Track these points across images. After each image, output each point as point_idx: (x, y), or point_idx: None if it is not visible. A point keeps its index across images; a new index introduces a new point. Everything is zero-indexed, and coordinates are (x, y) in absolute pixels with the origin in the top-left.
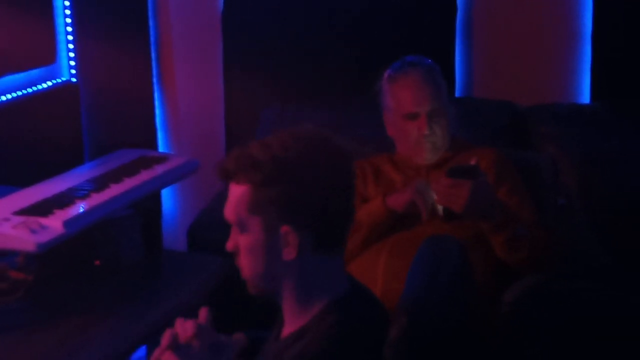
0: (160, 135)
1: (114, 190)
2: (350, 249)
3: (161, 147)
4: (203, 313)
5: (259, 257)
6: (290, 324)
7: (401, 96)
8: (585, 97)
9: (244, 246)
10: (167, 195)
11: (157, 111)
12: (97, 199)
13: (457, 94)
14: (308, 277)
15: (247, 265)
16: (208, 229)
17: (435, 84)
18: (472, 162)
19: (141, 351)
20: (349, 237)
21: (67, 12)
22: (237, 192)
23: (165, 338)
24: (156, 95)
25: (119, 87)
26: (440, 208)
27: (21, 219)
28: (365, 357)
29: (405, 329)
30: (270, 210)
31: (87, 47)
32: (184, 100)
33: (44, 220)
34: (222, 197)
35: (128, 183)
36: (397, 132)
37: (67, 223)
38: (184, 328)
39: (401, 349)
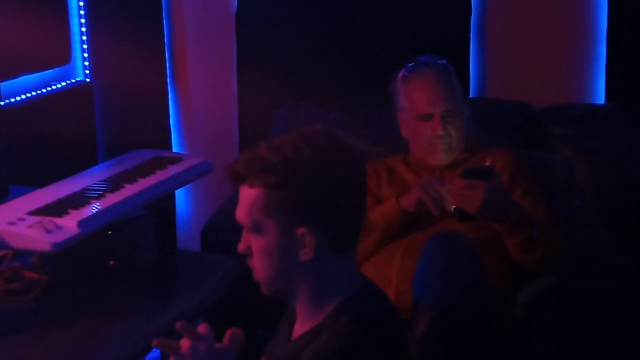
0: (173, 135)
1: (128, 190)
2: (364, 249)
3: (175, 148)
4: (203, 329)
5: (273, 259)
6: (303, 324)
7: (415, 97)
8: (600, 97)
9: (258, 248)
10: (180, 196)
11: (171, 111)
12: (112, 199)
13: (471, 94)
14: (323, 277)
15: (261, 267)
16: (222, 230)
17: (450, 84)
18: (487, 163)
19: (155, 352)
20: (362, 237)
21: (82, 12)
22: (249, 195)
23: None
24: (170, 95)
25: (133, 87)
26: (450, 202)
27: (36, 219)
28: (380, 352)
29: (433, 324)
30: (286, 212)
31: (101, 47)
32: (198, 100)
33: (59, 220)
34: (235, 198)
35: (142, 183)
36: (411, 132)
37: (81, 223)
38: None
39: (429, 343)
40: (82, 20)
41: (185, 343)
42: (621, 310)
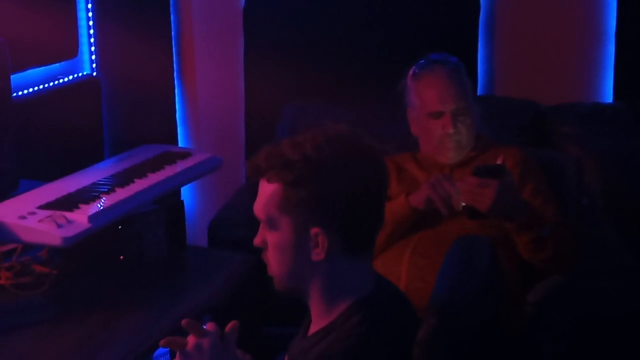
0: (179, 130)
1: (138, 185)
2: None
3: (181, 143)
4: (210, 326)
5: (287, 256)
6: (317, 323)
7: (426, 94)
8: (607, 96)
9: (272, 244)
10: (185, 191)
11: (178, 106)
12: (122, 194)
13: (479, 92)
14: (335, 277)
15: (275, 263)
16: (229, 226)
17: (461, 82)
18: (499, 161)
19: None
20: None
21: (89, 6)
22: (267, 190)
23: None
24: (177, 90)
25: (140, 82)
26: (458, 200)
27: (47, 213)
28: (391, 355)
29: (434, 329)
30: (301, 211)
31: (108, 41)
32: (204, 95)
33: (69, 215)
34: (242, 194)
35: (152, 178)
36: (421, 130)
37: (92, 217)
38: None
39: (430, 349)
40: (90, 14)
41: (191, 340)
42: (628, 310)
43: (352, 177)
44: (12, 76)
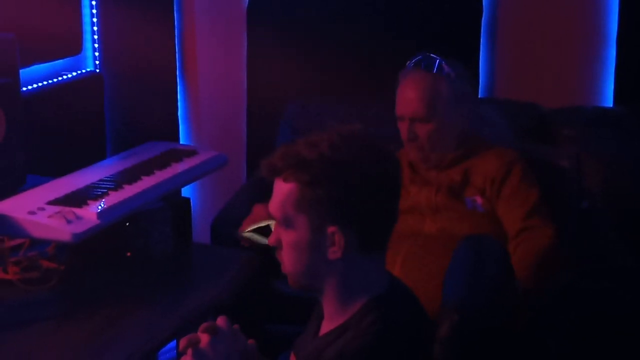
0: (182, 127)
1: (145, 182)
2: None
3: (183, 140)
4: (222, 321)
5: (302, 254)
6: (330, 321)
7: (398, 97)
8: (608, 100)
9: (287, 242)
10: (186, 188)
11: (180, 104)
12: (130, 191)
13: (480, 94)
14: (351, 276)
15: (290, 261)
16: (232, 223)
17: (431, 90)
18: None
19: (171, 344)
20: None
21: (93, 3)
22: (283, 189)
23: (183, 341)
24: (179, 87)
25: (143, 79)
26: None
27: (56, 208)
28: (405, 353)
29: (457, 326)
30: (318, 210)
31: (112, 38)
32: (207, 92)
33: (78, 211)
34: (244, 192)
35: (159, 176)
36: None
37: (101, 214)
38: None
39: (452, 345)
40: (94, 11)
41: (204, 338)
42: (630, 310)
43: (368, 176)
44: None
